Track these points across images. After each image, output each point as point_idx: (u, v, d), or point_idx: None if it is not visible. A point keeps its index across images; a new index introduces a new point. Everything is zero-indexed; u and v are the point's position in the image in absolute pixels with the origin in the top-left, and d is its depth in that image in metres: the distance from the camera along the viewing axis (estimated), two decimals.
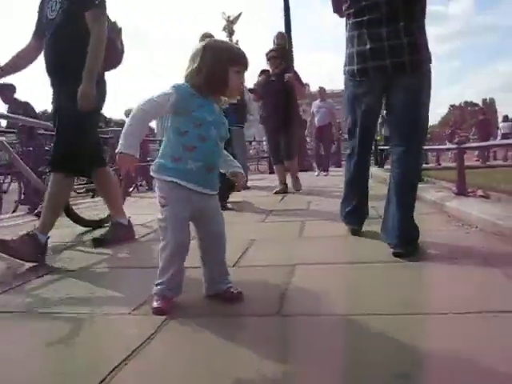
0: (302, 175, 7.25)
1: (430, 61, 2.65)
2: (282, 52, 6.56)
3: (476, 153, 15.73)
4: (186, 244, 1.80)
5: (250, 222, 4.01)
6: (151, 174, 1.83)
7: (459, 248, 2.61)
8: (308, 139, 13.04)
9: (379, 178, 6.50)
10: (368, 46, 2.61)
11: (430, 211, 4.09)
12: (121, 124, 12.46)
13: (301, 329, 1.61)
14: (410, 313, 1.68)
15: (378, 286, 2.03)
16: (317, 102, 11.00)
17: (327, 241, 3.04)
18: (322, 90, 11.34)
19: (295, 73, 6.48)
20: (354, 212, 3.08)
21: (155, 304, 1.77)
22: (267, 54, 6.44)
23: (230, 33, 24.39)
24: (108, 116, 14.53)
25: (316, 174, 10.37)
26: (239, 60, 1.85)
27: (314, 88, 23.36)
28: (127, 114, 10.37)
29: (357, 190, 3.07)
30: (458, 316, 1.62)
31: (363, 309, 1.74)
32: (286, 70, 6.33)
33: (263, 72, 6.70)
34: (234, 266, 2.37)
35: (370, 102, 2.75)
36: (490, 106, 70.50)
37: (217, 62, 1.79)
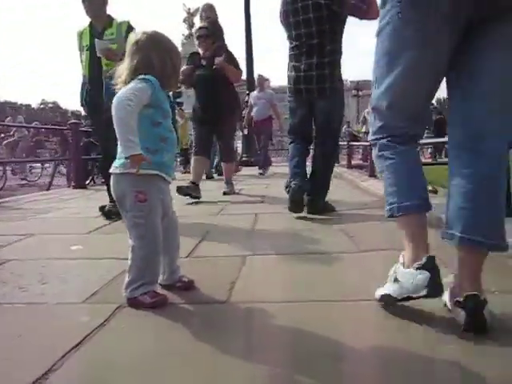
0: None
1: (337, 88, 3.75)
2: (213, 29, 5.35)
3: (429, 150, 16.22)
4: (161, 235, 1.81)
5: None
6: (122, 170, 1.74)
7: None
8: (240, 133, 11.49)
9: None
10: (293, 74, 3.75)
11: (382, 205, 4.22)
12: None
13: (247, 315, 1.70)
14: (349, 299, 1.79)
15: (323, 276, 2.12)
16: (255, 93, 9.70)
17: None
18: (260, 78, 9.99)
19: (228, 54, 5.28)
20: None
21: (149, 300, 1.74)
22: (196, 33, 5.39)
23: (190, 25, 24.28)
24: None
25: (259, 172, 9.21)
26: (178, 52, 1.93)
27: (275, 84, 23.32)
28: None
29: (297, 170, 3.79)
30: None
31: (306, 296, 1.84)
32: (217, 52, 5.17)
33: (193, 55, 5.45)
34: (187, 256, 2.42)
35: (301, 113, 3.83)
36: (444, 104, 72.34)
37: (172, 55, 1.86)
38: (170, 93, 1.99)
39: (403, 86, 1.59)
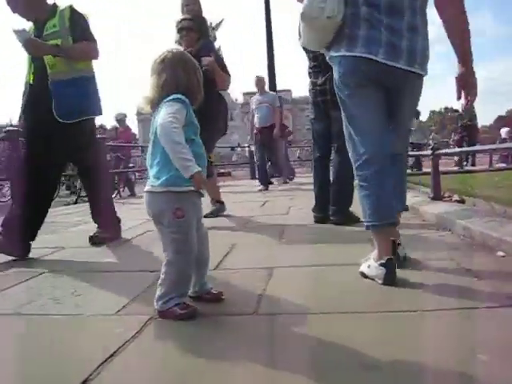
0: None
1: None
2: (198, 23, 4.45)
3: (455, 158, 15.99)
4: (196, 250, 1.86)
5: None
6: (161, 189, 1.78)
7: (432, 250, 2.73)
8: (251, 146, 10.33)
9: None
10: (311, 88, 4.10)
11: (407, 215, 4.21)
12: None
13: (275, 327, 1.72)
14: (382, 311, 1.79)
15: (353, 287, 2.13)
16: (256, 97, 8.55)
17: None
18: (259, 79, 8.53)
19: (216, 55, 4.46)
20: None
21: (179, 312, 1.78)
22: (178, 25, 4.34)
23: (212, 39, 24.49)
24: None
25: (259, 187, 8.13)
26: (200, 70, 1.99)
27: (297, 94, 23.41)
28: (117, 118, 10.43)
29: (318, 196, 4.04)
30: (428, 313, 1.74)
31: (337, 307, 1.85)
32: (204, 50, 4.22)
33: None
34: (214, 269, 2.46)
35: (321, 124, 4.11)
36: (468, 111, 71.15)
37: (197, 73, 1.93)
38: None
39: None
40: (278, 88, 11.64)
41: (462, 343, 1.49)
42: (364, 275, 2.23)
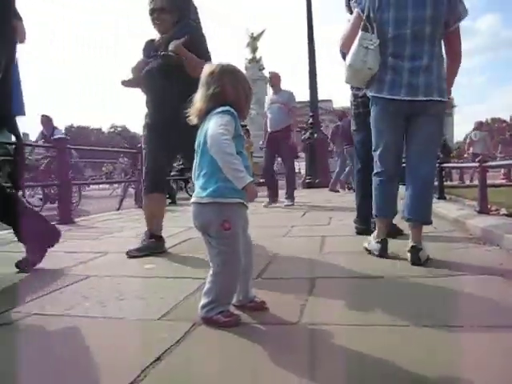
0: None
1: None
2: (174, 2, 3.44)
3: (502, 171, 15.52)
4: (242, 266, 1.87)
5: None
6: (208, 200, 1.79)
7: (479, 265, 2.65)
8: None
9: None
10: (353, 100, 4.09)
11: (452, 228, 4.12)
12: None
13: (318, 337, 1.70)
14: (426, 325, 1.74)
15: (396, 299, 2.09)
16: (269, 96, 7.71)
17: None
18: (273, 75, 7.45)
19: (194, 36, 3.38)
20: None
21: (223, 319, 1.79)
22: (149, 6, 3.46)
23: (254, 49, 24.69)
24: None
25: (264, 203, 7.01)
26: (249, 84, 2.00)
27: (338, 104, 23.29)
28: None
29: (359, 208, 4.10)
30: (473, 328, 1.68)
31: (381, 320, 1.82)
32: (179, 34, 3.33)
33: (147, 44, 3.64)
34: (257, 278, 2.46)
35: (360, 138, 4.05)
36: None
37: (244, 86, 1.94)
38: None
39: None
40: (320, 97, 11.58)
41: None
42: (366, 249, 3.11)
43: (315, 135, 11.72)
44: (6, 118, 2.84)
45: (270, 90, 8.11)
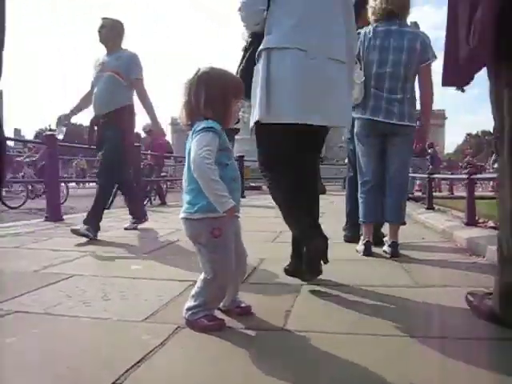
0: None
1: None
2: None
3: (491, 183, 15.67)
4: (233, 273, 1.87)
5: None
6: (199, 216, 1.79)
7: (464, 276, 2.67)
8: None
9: None
10: None
11: (440, 239, 4.14)
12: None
13: (302, 344, 1.69)
14: (412, 335, 1.74)
15: (382, 309, 2.09)
16: None
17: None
18: None
19: None
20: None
21: (207, 323, 1.78)
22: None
23: None
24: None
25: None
26: (240, 91, 1.93)
27: None
28: (145, 130, 10.56)
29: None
30: (456, 340, 1.70)
31: (366, 329, 1.82)
32: None
33: None
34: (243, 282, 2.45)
35: (353, 146, 4.05)
36: None
37: (224, 94, 1.85)
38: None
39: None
40: None
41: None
42: (356, 250, 3.48)
43: None
44: None
45: None
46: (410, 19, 3.63)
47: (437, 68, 3.07)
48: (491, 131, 2.16)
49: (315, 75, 2.32)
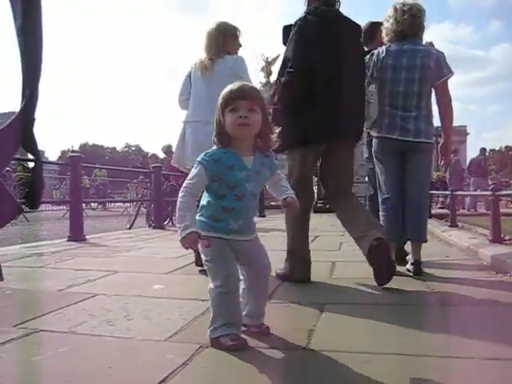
0: None
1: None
2: None
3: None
4: (235, 276, 1.87)
5: None
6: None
7: (490, 295, 2.61)
8: None
9: None
10: (366, 128, 4.01)
11: (464, 257, 4.07)
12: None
13: (325, 363, 1.67)
14: (434, 355, 1.71)
15: (405, 328, 2.05)
16: None
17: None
18: None
19: None
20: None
21: (230, 343, 1.77)
22: None
23: (268, 73, 24.98)
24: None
25: None
26: (230, 96, 1.85)
27: None
28: (163, 150, 10.66)
29: None
30: (483, 361, 1.65)
31: (388, 348, 1.79)
32: None
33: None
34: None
35: (372, 165, 4.02)
36: None
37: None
38: None
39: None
40: None
41: None
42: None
43: None
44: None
45: None
46: (427, 37, 3.67)
47: (456, 83, 3.09)
48: None
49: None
